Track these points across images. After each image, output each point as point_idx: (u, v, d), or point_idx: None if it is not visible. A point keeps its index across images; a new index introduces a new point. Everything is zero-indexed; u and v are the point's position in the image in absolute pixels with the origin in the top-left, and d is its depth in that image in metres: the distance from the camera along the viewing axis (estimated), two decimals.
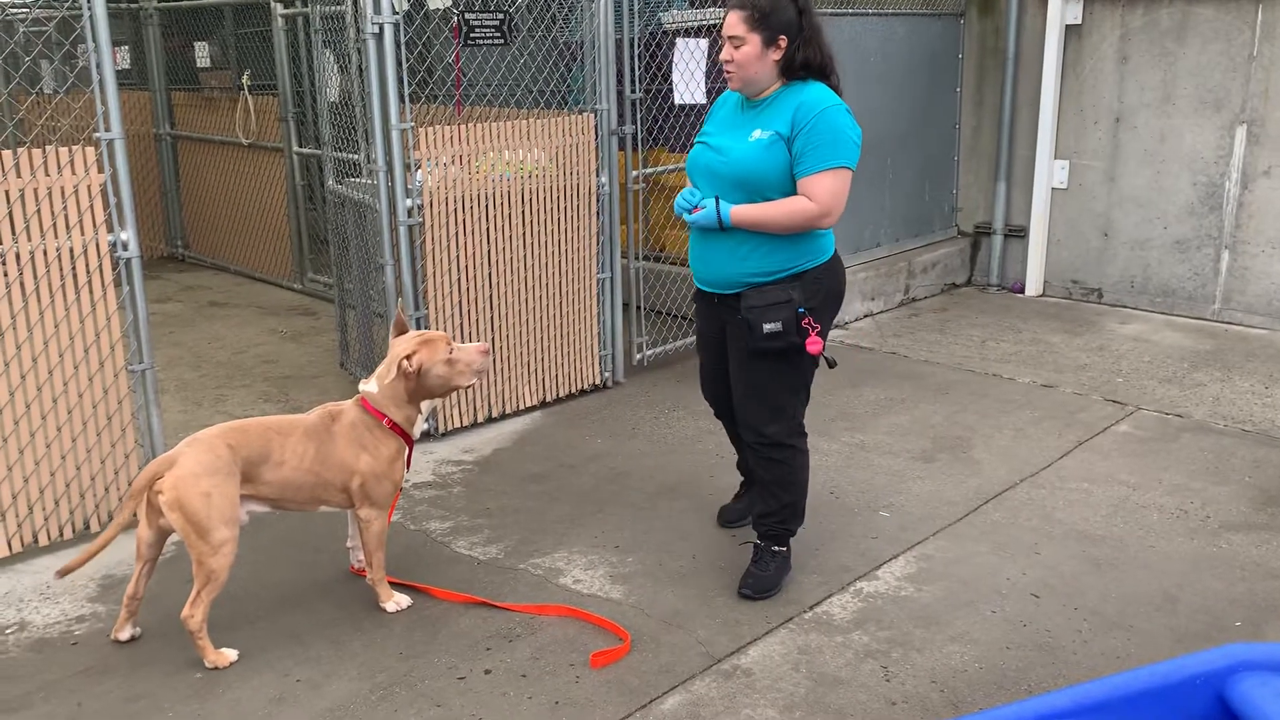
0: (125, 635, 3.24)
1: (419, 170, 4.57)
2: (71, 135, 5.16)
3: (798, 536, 3.88)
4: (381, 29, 4.40)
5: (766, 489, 3.52)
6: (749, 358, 3.34)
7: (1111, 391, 5.37)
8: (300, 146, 7.52)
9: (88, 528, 3.92)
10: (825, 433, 4.87)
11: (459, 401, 4.90)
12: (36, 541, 3.82)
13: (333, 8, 5.24)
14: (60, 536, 3.86)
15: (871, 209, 6.95)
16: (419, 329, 3.41)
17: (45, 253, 3.66)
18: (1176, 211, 6.62)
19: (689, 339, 5.92)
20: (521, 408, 5.16)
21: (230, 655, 3.15)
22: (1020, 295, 7.27)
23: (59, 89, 7.90)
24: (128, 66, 8.86)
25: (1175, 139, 6.55)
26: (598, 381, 5.46)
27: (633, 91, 5.36)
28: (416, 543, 3.89)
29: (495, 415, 5.06)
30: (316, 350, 6.29)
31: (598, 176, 5.21)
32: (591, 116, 5.13)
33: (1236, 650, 1.78)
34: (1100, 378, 5.58)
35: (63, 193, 3.67)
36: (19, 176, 3.57)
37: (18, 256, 3.61)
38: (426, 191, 4.59)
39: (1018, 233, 7.30)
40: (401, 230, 4.58)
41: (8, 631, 3.34)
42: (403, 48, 4.44)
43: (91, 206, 3.74)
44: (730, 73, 3.26)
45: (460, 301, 4.79)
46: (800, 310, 3.22)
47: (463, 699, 2.97)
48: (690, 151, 3.47)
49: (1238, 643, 1.82)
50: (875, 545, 3.83)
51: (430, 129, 4.58)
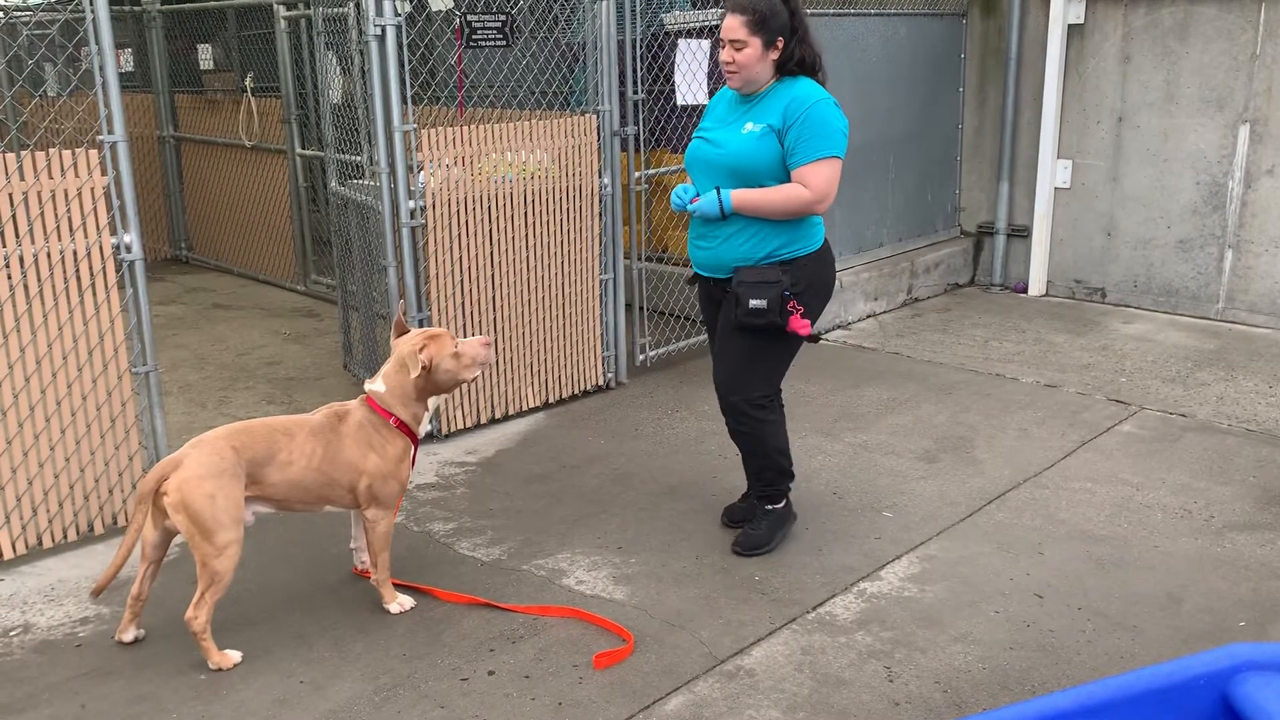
0: (129, 636, 3.25)
1: (421, 172, 4.58)
2: (75, 138, 5.17)
3: (800, 536, 3.89)
4: (384, 31, 4.40)
5: (744, 456, 3.79)
6: (732, 331, 3.55)
7: (1115, 391, 5.36)
8: (303, 148, 7.52)
9: (92, 530, 3.92)
10: (828, 433, 4.87)
11: (462, 403, 4.90)
12: (41, 544, 3.83)
13: (335, 10, 5.25)
14: (64, 539, 3.87)
15: (874, 209, 6.95)
16: (420, 329, 3.42)
17: (49, 255, 3.67)
18: (1180, 211, 6.61)
19: (691, 339, 5.93)
20: (524, 409, 5.16)
21: (234, 657, 3.15)
22: (1023, 295, 7.26)
23: (62, 92, 7.92)
24: (131, 69, 8.88)
25: (1178, 138, 6.54)
26: (600, 382, 5.47)
27: (635, 92, 5.36)
28: (420, 544, 3.90)
29: (498, 416, 5.06)
30: (320, 352, 6.30)
31: (600, 177, 5.21)
32: (594, 118, 5.14)
33: (1240, 650, 1.78)
34: (1104, 377, 5.57)
35: (66, 195, 3.68)
36: (23, 179, 3.58)
37: (22, 259, 3.62)
38: (429, 193, 4.60)
39: (1021, 232, 7.30)
40: (404, 232, 4.59)
41: (12, 633, 3.34)
42: (405, 49, 4.45)
43: (95, 209, 3.74)
44: (732, 73, 3.48)
45: (463, 303, 4.79)
46: (786, 293, 3.43)
47: (466, 700, 2.97)
48: (689, 146, 3.67)
49: (1241, 643, 1.82)
50: (878, 546, 3.83)
51: (433, 130, 4.59)
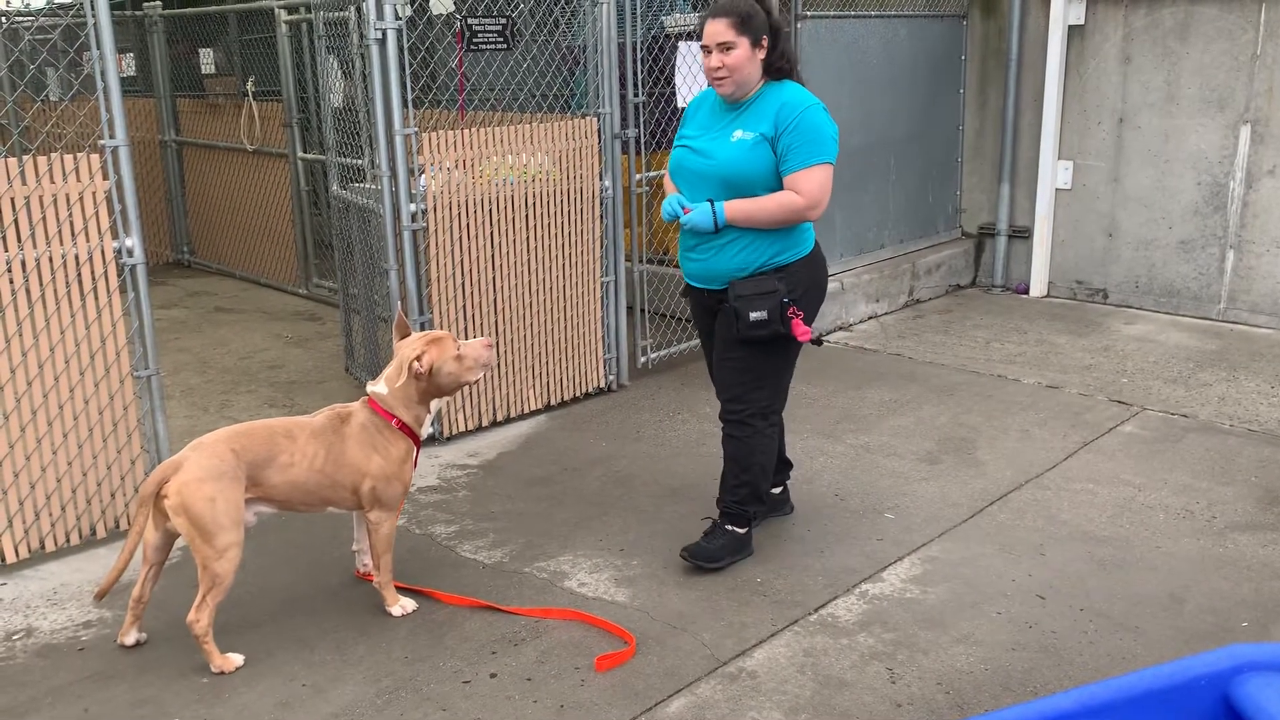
0: (131, 640, 3.25)
1: (423, 175, 4.58)
2: (77, 142, 5.18)
3: (802, 538, 3.88)
4: (385, 34, 4.41)
5: (728, 464, 3.68)
6: (734, 344, 3.52)
7: (1117, 392, 5.36)
8: (304, 152, 7.53)
9: (94, 534, 3.93)
10: (830, 434, 4.87)
11: (464, 405, 4.91)
12: (44, 547, 3.83)
13: (336, 14, 5.26)
14: (67, 542, 3.87)
15: (875, 211, 6.95)
16: (422, 332, 3.42)
17: (51, 259, 3.68)
18: (1181, 211, 6.61)
19: (693, 342, 5.93)
20: (526, 411, 5.17)
21: (236, 660, 3.15)
22: (1025, 296, 7.26)
23: (64, 96, 7.93)
24: (133, 74, 8.90)
25: (1179, 139, 6.54)
26: (602, 385, 5.47)
27: (635, 95, 5.37)
28: (422, 547, 3.90)
29: (500, 419, 5.07)
30: (321, 355, 6.31)
31: (601, 180, 5.22)
32: (594, 120, 5.14)
33: (1241, 651, 1.78)
34: (1105, 378, 5.57)
35: (68, 200, 3.68)
36: (25, 184, 3.59)
37: (24, 263, 3.62)
38: (430, 196, 4.60)
39: (1022, 234, 7.30)
40: (405, 235, 4.59)
41: (15, 637, 3.35)
42: (406, 53, 4.46)
43: (97, 213, 3.75)
44: (722, 79, 3.39)
45: (464, 305, 4.80)
46: (785, 300, 3.40)
47: (468, 703, 2.98)
48: (672, 154, 3.61)
49: (1243, 643, 1.82)
50: (880, 547, 3.82)
51: (434, 134, 4.59)
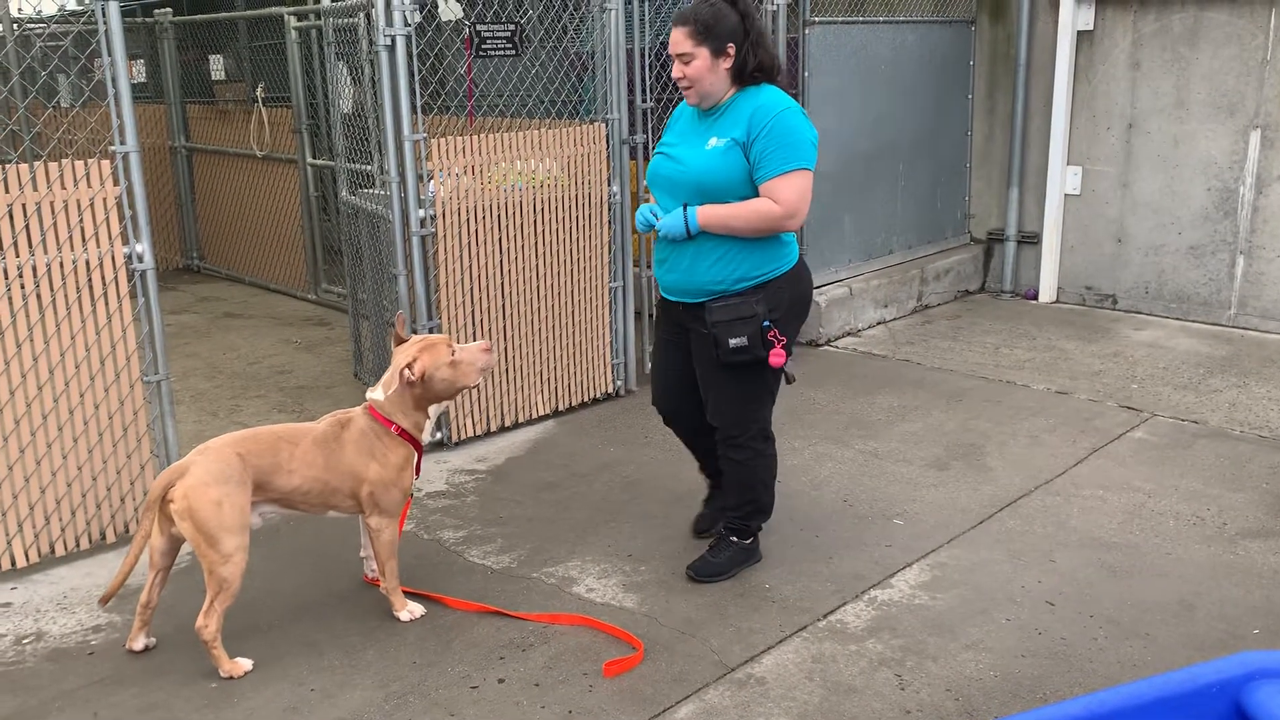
0: (139, 645, 3.25)
1: (431, 181, 4.59)
2: (88, 148, 5.20)
3: (810, 544, 3.88)
4: (394, 41, 4.42)
5: (730, 485, 3.63)
6: (717, 370, 3.40)
7: (1126, 398, 5.34)
8: (314, 158, 7.56)
9: (104, 538, 3.94)
10: (838, 440, 4.86)
11: (472, 410, 4.91)
12: (53, 552, 3.84)
13: (346, 20, 5.28)
14: (77, 547, 3.88)
15: (884, 216, 6.94)
16: (417, 337, 3.42)
17: (62, 265, 3.69)
18: (1191, 217, 6.59)
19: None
20: (534, 416, 5.17)
21: (245, 665, 3.16)
22: (1034, 302, 7.25)
23: (75, 103, 7.97)
24: (143, 80, 8.94)
25: (1189, 144, 6.52)
26: (610, 390, 5.47)
27: (644, 101, 5.38)
28: (430, 552, 3.90)
29: (508, 424, 5.07)
30: (330, 360, 6.32)
31: (609, 186, 5.22)
32: (603, 126, 5.15)
33: (1253, 658, 1.77)
34: (1115, 384, 5.55)
35: (79, 205, 3.70)
36: (36, 190, 3.60)
37: (34, 269, 3.64)
38: (439, 202, 4.61)
39: (1031, 239, 7.28)
40: (414, 240, 4.60)
41: (25, 641, 3.36)
42: (415, 59, 4.47)
43: (107, 219, 3.76)
44: (687, 89, 3.31)
45: (473, 311, 4.80)
46: (765, 324, 3.28)
47: (476, 708, 2.97)
48: (650, 163, 3.50)
49: (1254, 650, 1.81)
50: (889, 553, 3.82)
51: (443, 140, 4.60)
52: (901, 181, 6.99)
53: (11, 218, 3.57)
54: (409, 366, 3.25)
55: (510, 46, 5.08)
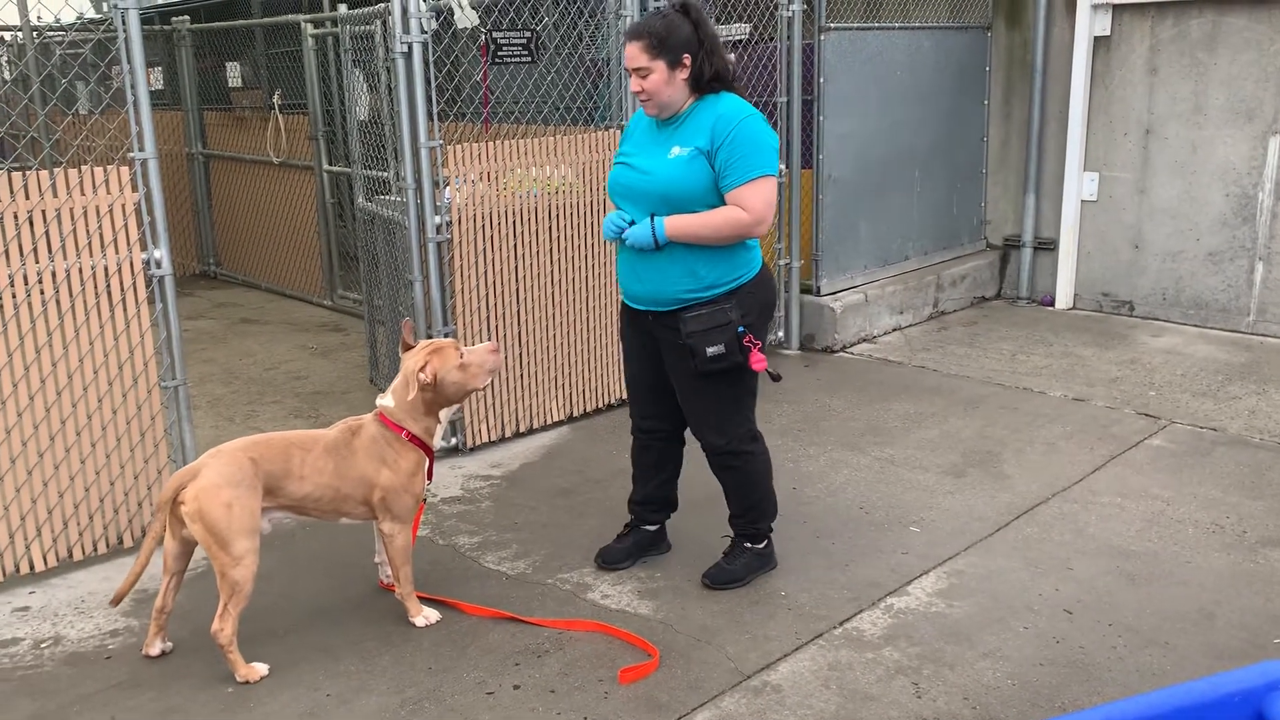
0: (156, 650, 3.26)
1: (447, 187, 4.61)
2: (106, 155, 5.24)
3: (827, 551, 3.86)
4: (410, 48, 4.44)
5: (729, 493, 3.61)
6: (695, 379, 3.38)
7: (1144, 405, 5.31)
8: (330, 164, 7.59)
9: (121, 543, 3.96)
10: (854, 447, 4.84)
11: (487, 416, 4.92)
12: (71, 556, 3.86)
13: (362, 27, 5.31)
14: (94, 551, 3.90)
15: (900, 222, 6.92)
16: (424, 342, 3.43)
17: (81, 270, 3.72)
18: (1209, 223, 6.55)
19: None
20: (549, 422, 5.17)
21: (261, 669, 3.17)
22: (1050, 308, 7.21)
23: (94, 110, 8.03)
24: (161, 87, 9.00)
25: (1207, 150, 6.48)
26: (624, 396, 5.46)
27: None
28: (445, 557, 3.90)
29: (522, 430, 5.07)
30: (346, 366, 6.34)
31: None
32: (618, 132, 5.15)
33: (1275, 668, 1.75)
34: (1133, 391, 5.52)
35: (98, 212, 3.72)
36: (56, 196, 3.63)
37: (55, 274, 3.67)
38: (455, 208, 4.62)
39: (1047, 245, 7.25)
40: (430, 247, 4.62)
41: (43, 645, 3.37)
42: (431, 66, 4.49)
43: (126, 225, 3.79)
44: (645, 101, 3.29)
45: (488, 317, 4.81)
46: (740, 330, 3.27)
47: (491, 714, 2.97)
48: (611, 173, 3.48)
49: (1276, 660, 1.80)
50: (905, 561, 3.80)
51: (459, 146, 4.62)
52: (917, 188, 6.98)
53: (32, 223, 3.59)
54: (422, 370, 3.27)
55: (526, 53, 5.09)
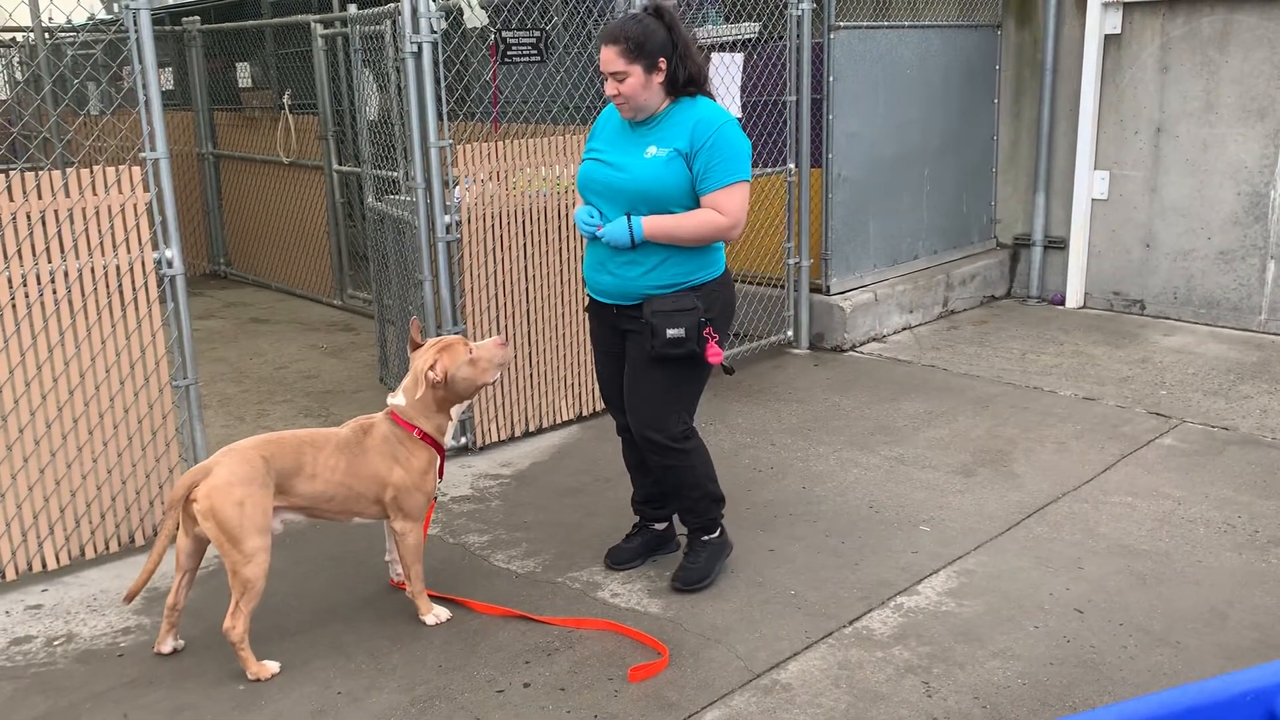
0: (168, 648, 3.28)
1: (457, 187, 4.61)
2: (118, 155, 5.26)
3: (836, 550, 3.86)
4: (420, 48, 4.45)
5: (671, 489, 3.62)
6: (647, 363, 3.40)
7: (1155, 404, 5.29)
8: (340, 164, 7.61)
9: (133, 541, 3.97)
10: (864, 447, 4.84)
11: (496, 415, 4.93)
12: (83, 555, 3.88)
13: (372, 28, 5.32)
14: (106, 550, 3.92)
15: (909, 221, 6.91)
16: (433, 340, 3.44)
17: (92, 270, 3.73)
18: (1220, 222, 6.53)
19: (728, 350, 5.91)
20: (558, 422, 5.18)
21: (272, 667, 3.18)
22: (1060, 307, 7.19)
23: (106, 110, 8.06)
24: (171, 87, 9.03)
25: (1218, 148, 6.46)
26: None
27: None
28: (455, 556, 3.91)
29: (532, 429, 5.08)
30: (356, 365, 6.36)
31: None
32: None
33: None
34: (1144, 390, 5.50)
35: (109, 211, 3.74)
36: (68, 196, 3.65)
37: (66, 274, 3.68)
38: (464, 208, 4.63)
39: (1057, 244, 7.23)
40: (440, 246, 4.62)
41: (56, 643, 3.39)
42: (441, 66, 4.49)
43: (137, 225, 3.80)
44: (621, 104, 3.30)
45: (497, 316, 4.82)
46: (702, 320, 3.31)
47: (501, 712, 2.98)
48: (581, 168, 3.48)
49: None
50: (915, 560, 3.79)
51: (468, 146, 4.63)
52: (927, 186, 6.96)
53: (45, 223, 3.61)
54: (432, 368, 3.28)
55: (535, 53, 5.10)
